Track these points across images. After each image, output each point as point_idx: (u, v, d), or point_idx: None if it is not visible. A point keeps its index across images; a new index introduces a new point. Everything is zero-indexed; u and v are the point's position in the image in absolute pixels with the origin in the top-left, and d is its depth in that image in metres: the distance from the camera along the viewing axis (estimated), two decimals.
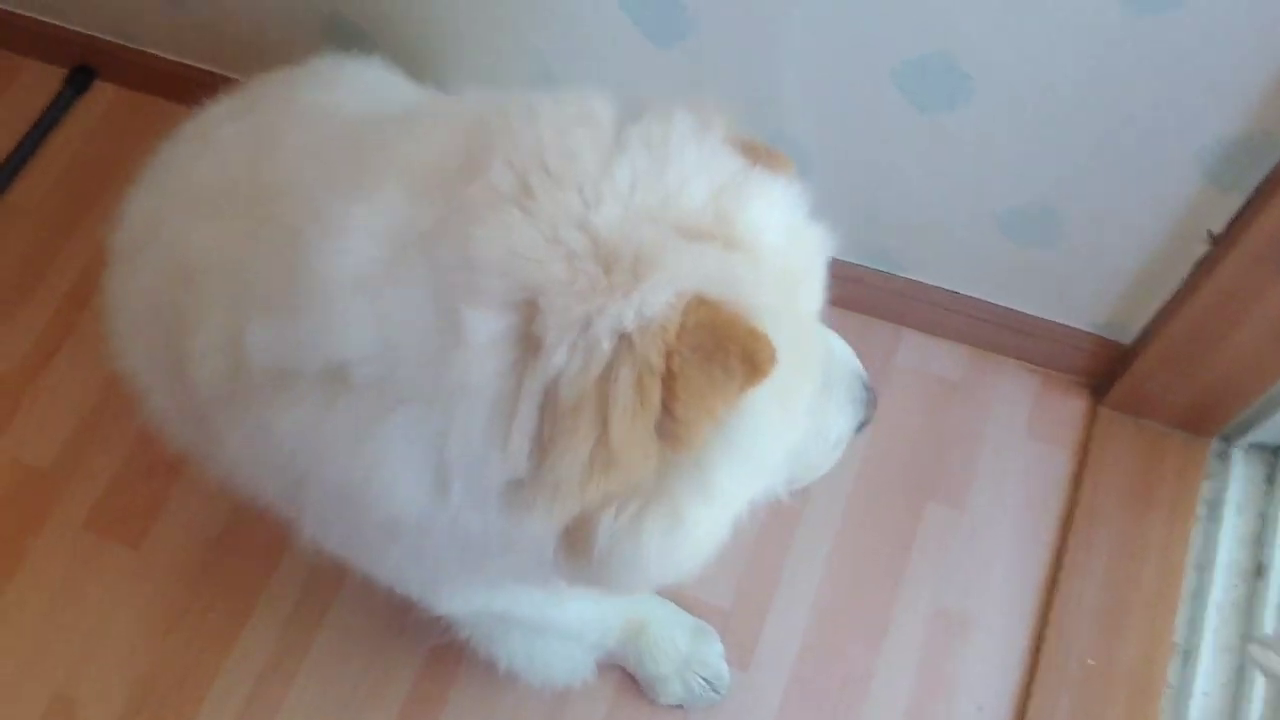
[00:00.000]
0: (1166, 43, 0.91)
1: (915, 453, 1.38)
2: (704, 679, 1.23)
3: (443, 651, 1.25)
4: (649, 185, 0.65)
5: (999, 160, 1.12)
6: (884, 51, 1.05)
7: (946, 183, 1.19)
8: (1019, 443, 1.37)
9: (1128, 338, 1.31)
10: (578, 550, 0.68)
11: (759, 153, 0.71)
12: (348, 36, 1.36)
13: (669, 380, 0.60)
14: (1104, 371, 1.36)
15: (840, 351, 0.86)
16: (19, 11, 1.68)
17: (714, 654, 1.25)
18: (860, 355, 1.26)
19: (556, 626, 1.11)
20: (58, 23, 1.66)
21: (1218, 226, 1.08)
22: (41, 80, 1.71)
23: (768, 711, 1.25)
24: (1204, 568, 1.27)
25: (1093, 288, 1.26)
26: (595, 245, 0.63)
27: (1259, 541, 1.27)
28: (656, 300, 0.61)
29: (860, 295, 1.42)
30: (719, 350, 0.60)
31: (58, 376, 1.50)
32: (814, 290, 0.73)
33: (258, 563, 1.36)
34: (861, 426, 0.86)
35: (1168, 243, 1.14)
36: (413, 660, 1.28)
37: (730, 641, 1.27)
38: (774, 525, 1.34)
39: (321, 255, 0.67)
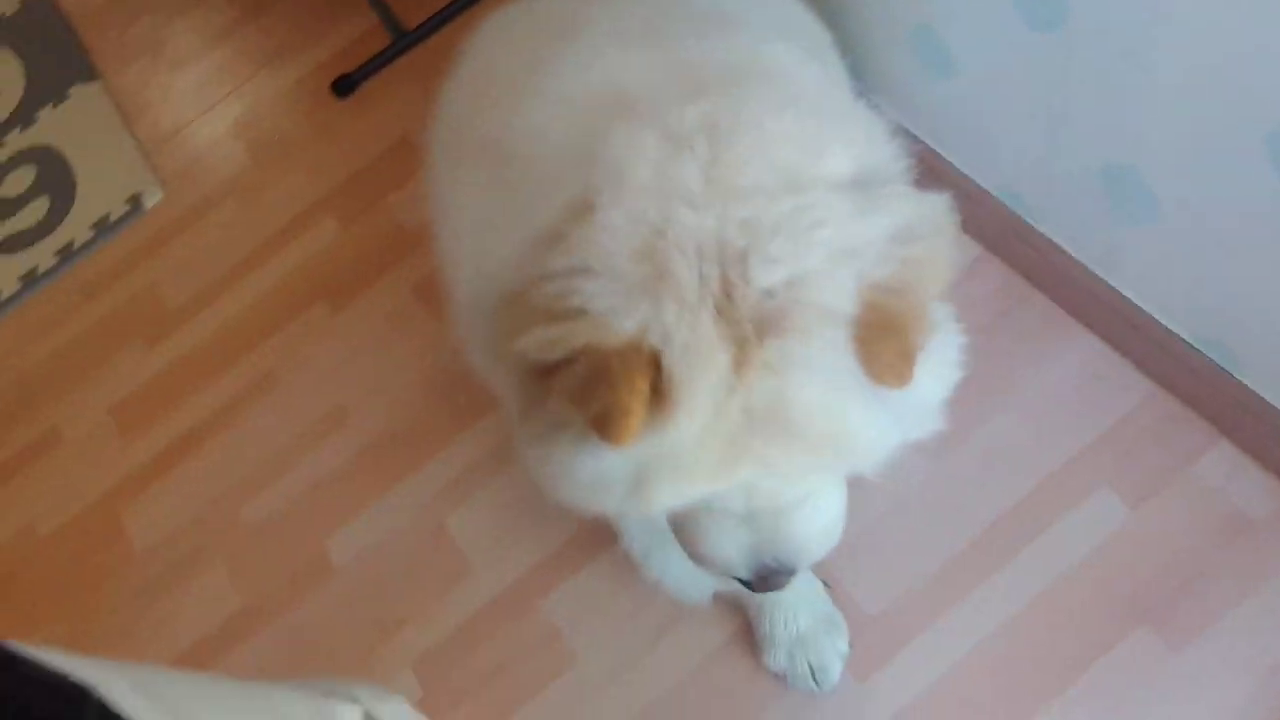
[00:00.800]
0: None
1: (1163, 567, 1.19)
2: (810, 665, 1.20)
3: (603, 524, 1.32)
4: (756, 246, 0.65)
5: None
6: (1265, 110, 0.88)
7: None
8: None
9: None
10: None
11: (879, 334, 0.66)
12: None
13: (577, 359, 0.66)
14: None
15: (791, 520, 0.76)
16: None
17: (832, 648, 1.20)
18: (1158, 444, 1.11)
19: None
20: None
21: None
22: None
23: None
24: None
25: None
26: (658, 235, 0.66)
27: None
28: (632, 314, 0.65)
29: (1184, 381, 1.23)
30: (596, 387, 0.64)
31: None
32: (790, 450, 0.69)
33: None
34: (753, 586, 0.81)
35: None
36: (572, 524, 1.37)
37: (860, 649, 1.22)
38: (967, 561, 1.24)
39: (565, 68, 0.81)
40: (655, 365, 0.64)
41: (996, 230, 1.36)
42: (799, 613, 1.20)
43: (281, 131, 1.89)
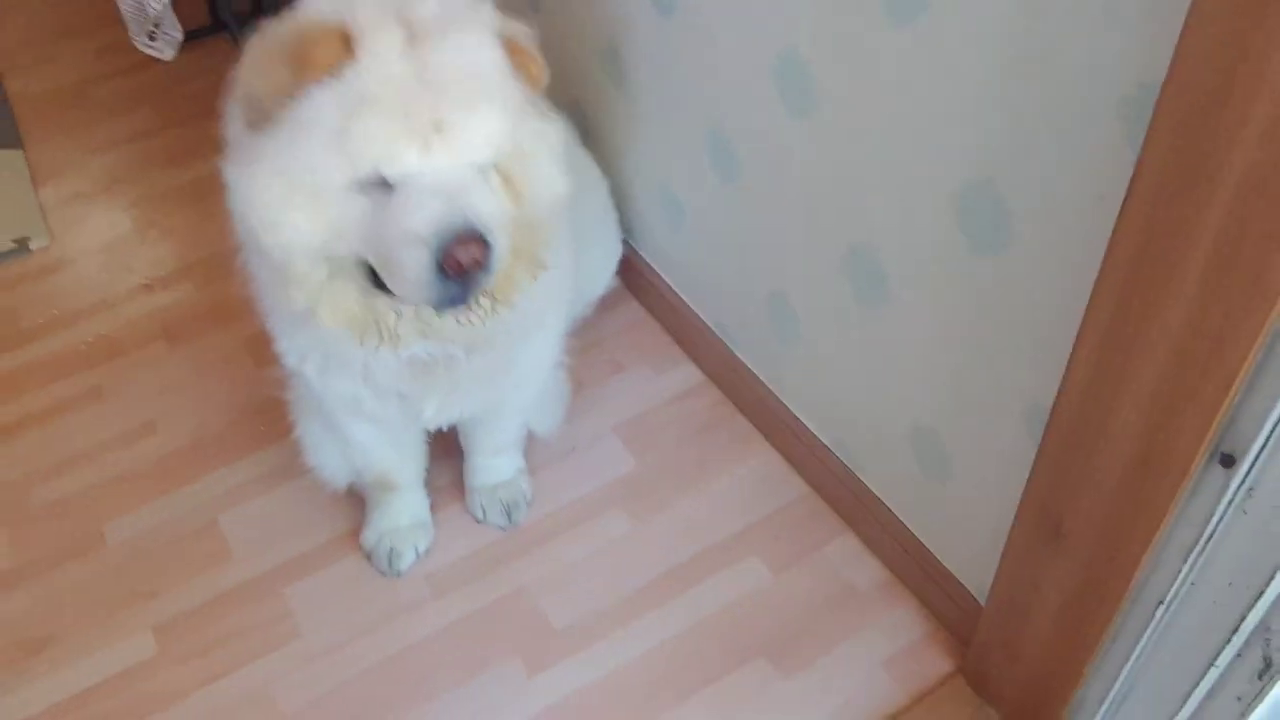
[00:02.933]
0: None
1: (787, 618, 1.49)
2: (391, 549, 1.57)
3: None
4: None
5: (908, 369, 1.30)
6: (844, 229, 1.30)
7: (874, 381, 1.38)
8: (870, 666, 1.44)
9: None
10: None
11: (514, 48, 1.06)
12: None
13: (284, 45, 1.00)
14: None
15: (472, 195, 1.04)
16: None
17: (413, 543, 1.58)
18: (801, 531, 1.56)
19: (341, 430, 1.47)
20: None
21: None
22: None
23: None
24: None
25: (976, 543, 1.34)
26: None
27: None
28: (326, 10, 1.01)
29: (827, 482, 1.59)
30: (298, 42, 0.98)
31: None
32: (457, 107, 1.01)
33: None
34: (442, 268, 1.02)
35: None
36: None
37: (537, 653, 1.47)
38: (637, 599, 1.52)
39: None
40: (345, 31, 0.98)
41: (713, 361, 1.75)
42: (401, 514, 1.57)
43: (161, 213, 2.21)
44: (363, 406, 1.36)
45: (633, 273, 1.86)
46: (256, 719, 1.43)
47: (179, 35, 2.24)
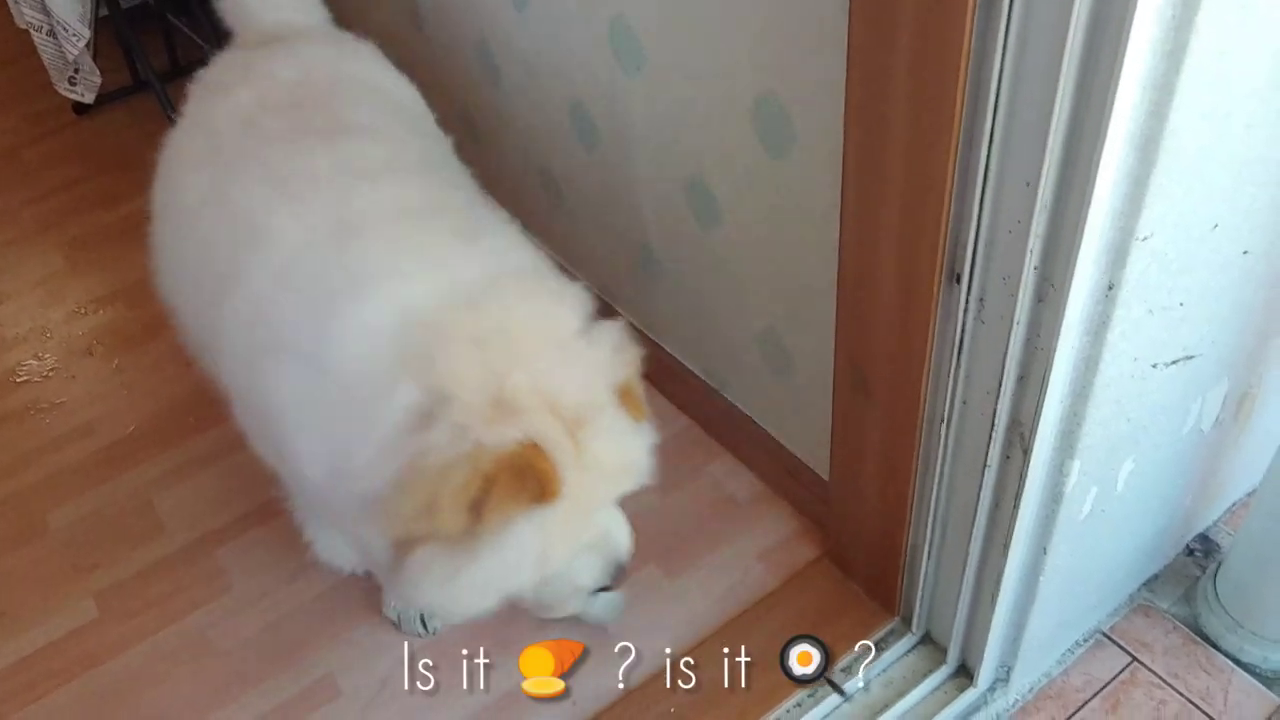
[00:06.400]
0: None
1: (671, 530, 1.66)
2: (422, 614, 1.57)
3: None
4: (552, 376, 1.06)
5: (745, 277, 1.50)
6: (681, 167, 1.50)
7: (723, 297, 1.57)
8: (748, 561, 1.61)
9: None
10: (396, 561, 1.09)
11: (627, 397, 1.14)
12: None
13: (488, 481, 0.99)
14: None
15: (615, 533, 1.22)
16: None
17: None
18: (686, 457, 1.66)
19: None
20: None
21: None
22: None
23: None
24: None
25: (820, 429, 1.52)
26: (498, 393, 1.03)
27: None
28: (513, 434, 1.01)
29: (704, 412, 1.77)
30: (524, 475, 1.00)
31: None
32: (614, 488, 1.15)
33: None
34: (600, 590, 1.24)
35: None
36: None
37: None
38: None
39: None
40: (552, 461, 1.01)
41: None
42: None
43: (92, 249, 2.38)
44: None
45: None
46: (194, 658, 1.56)
47: (97, 79, 2.43)
